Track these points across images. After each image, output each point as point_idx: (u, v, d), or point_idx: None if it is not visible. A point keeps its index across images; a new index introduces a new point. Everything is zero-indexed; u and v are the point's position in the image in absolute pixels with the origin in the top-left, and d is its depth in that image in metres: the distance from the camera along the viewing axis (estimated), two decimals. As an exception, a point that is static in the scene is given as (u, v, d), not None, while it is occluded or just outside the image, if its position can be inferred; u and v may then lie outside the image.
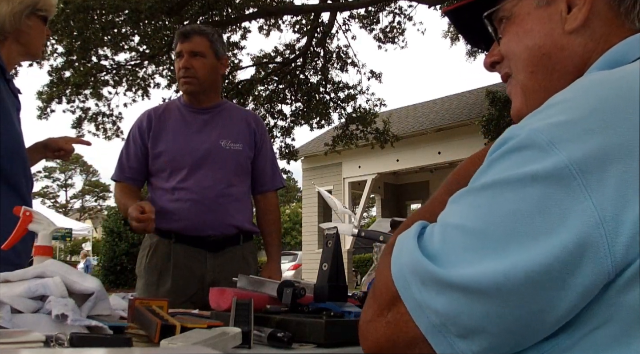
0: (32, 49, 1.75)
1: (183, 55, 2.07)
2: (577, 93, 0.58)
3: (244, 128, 2.16)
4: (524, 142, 0.56)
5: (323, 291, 1.07)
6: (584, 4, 0.69)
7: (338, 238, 1.12)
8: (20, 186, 1.62)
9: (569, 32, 0.70)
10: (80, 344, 0.76)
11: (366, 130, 12.38)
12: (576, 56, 0.69)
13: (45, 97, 10.93)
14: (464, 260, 0.55)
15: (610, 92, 0.56)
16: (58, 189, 45.23)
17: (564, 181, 0.52)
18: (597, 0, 0.69)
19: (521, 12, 0.75)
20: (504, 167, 0.56)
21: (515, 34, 0.75)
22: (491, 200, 0.56)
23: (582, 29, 0.69)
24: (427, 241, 0.60)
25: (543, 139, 0.54)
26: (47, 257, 1.15)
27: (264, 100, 12.37)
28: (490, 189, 0.57)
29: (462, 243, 0.56)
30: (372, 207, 27.41)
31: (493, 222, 0.55)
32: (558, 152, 0.53)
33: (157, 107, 2.19)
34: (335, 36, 12.50)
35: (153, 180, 2.11)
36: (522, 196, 0.53)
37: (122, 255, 16.12)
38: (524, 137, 0.56)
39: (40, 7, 1.70)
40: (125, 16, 9.86)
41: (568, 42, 0.70)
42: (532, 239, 0.52)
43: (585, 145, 0.52)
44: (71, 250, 25.97)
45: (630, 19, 0.68)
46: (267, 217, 2.26)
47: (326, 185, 16.96)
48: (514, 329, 0.54)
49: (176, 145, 2.06)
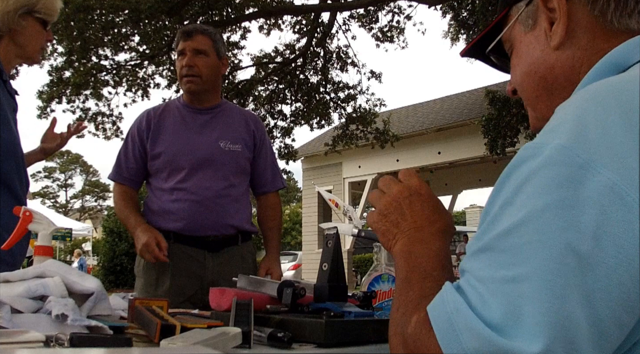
0: (28, 51, 1.73)
1: (186, 53, 2.06)
2: (589, 104, 0.56)
3: (243, 129, 2.16)
4: (553, 160, 0.52)
5: (323, 291, 1.07)
6: (561, 17, 0.69)
7: (338, 238, 1.12)
8: (14, 187, 1.61)
9: (555, 48, 0.70)
10: (80, 344, 0.76)
11: (366, 130, 12.37)
12: (567, 70, 0.69)
13: (46, 96, 10.92)
14: (538, 320, 0.49)
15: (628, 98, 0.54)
16: (58, 189, 45.25)
17: (618, 199, 0.49)
18: (573, 10, 0.69)
19: (516, 40, 0.76)
20: (537, 190, 0.52)
21: (516, 63, 0.77)
22: (539, 235, 0.50)
23: (568, 41, 0.69)
24: (480, 308, 0.52)
25: (580, 157, 0.51)
26: (47, 257, 1.15)
27: (264, 101, 12.37)
28: (532, 221, 0.51)
29: (526, 298, 0.50)
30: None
31: (550, 257, 0.49)
32: (599, 170, 0.50)
33: (157, 107, 2.19)
34: (335, 36, 12.51)
35: (152, 180, 2.11)
36: (574, 222, 0.49)
37: (122, 255, 16.13)
38: (552, 154, 0.52)
39: (38, 9, 1.69)
40: (125, 16, 9.86)
41: (557, 59, 0.70)
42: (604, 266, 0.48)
43: (623, 160, 0.50)
44: (71, 250, 25.94)
45: (609, 19, 0.67)
46: (267, 213, 2.26)
47: (326, 185, 16.96)
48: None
49: (175, 146, 2.06)
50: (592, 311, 0.48)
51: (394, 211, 0.77)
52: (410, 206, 0.76)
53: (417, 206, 0.76)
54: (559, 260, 0.49)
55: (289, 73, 12.38)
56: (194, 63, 2.05)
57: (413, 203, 0.76)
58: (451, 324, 0.53)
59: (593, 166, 0.50)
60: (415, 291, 0.64)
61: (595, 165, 0.50)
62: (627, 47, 0.64)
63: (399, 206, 0.77)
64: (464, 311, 0.53)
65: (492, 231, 0.55)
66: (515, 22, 0.76)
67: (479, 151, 13.16)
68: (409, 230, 0.74)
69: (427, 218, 0.75)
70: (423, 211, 0.75)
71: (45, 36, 1.77)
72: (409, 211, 0.75)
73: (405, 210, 0.76)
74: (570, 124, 0.54)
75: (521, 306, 0.49)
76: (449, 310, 0.54)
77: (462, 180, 17.81)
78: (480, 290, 0.53)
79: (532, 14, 0.73)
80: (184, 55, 2.06)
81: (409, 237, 0.73)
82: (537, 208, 0.51)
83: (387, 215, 0.77)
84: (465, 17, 11.02)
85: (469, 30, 10.77)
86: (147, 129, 2.10)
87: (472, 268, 0.56)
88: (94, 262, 22.18)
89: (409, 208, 0.76)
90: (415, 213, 0.75)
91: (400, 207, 0.77)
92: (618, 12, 0.67)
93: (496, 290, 0.51)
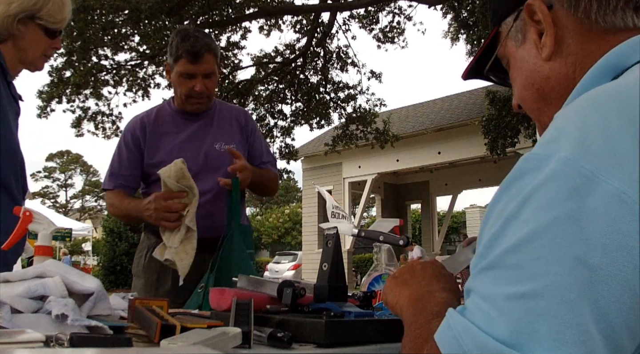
0: (28, 57, 1.70)
1: (196, 76, 2.00)
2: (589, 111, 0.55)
3: (234, 127, 2.16)
4: (558, 173, 0.51)
5: (323, 291, 1.07)
6: (547, 28, 0.69)
7: (338, 238, 1.12)
8: (11, 189, 1.61)
9: (547, 59, 0.70)
10: (80, 344, 0.76)
11: (366, 130, 12.38)
12: (562, 79, 0.69)
13: (46, 96, 10.94)
14: (556, 336, 0.48)
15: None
16: (58, 189, 45.27)
17: (628, 209, 0.48)
18: (558, 17, 0.69)
19: (510, 55, 0.77)
20: (543, 205, 0.51)
21: (514, 78, 0.77)
22: (548, 250, 0.49)
23: (558, 50, 0.69)
24: (487, 327, 0.51)
25: (584, 168, 0.50)
26: (47, 257, 1.15)
27: (264, 100, 12.38)
28: (539, 237, 0.50)
29: (540, 315, 0.49)
30: (372, 207, 27.43)
31: (561, 272, 0.48)
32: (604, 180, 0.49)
33: (149, 113, 2.15)
34: (335, 36, 12.52)
35: (150, 189, 2.09)
36: (582, 235, 0.48)
37: (122, 255, 16.15)
38: (556, 168, 0.51)
39: (40, 15, 1.66)
40: (126, 16, 9.87)
41: (550, 70, 0.70)
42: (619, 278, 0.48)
43: (629, 168, 0.49)
44: (71, 250, 25.95)
45: (594, 20, 0.67)
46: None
47: (326, 185, 16.97)
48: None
49: (174, 154, 2.02)
50: (607, 324, 0.48)
51: (401, 275, 0.83)
52: (413, 275, 0.81)
53: (423, 273, 0.81)
54: (570, 274, 0.48)
55: (289, 73, 12.40)
56: (206, 88, 2.02)
57: (416, 273, 0.82)
58: (460, 346, 0.52)
59: (598, 175, 0.49)
60: (423, 330, 0.64)
61: (601, 175, 0.49)
62: (623, 48, 0.63)
63: (406, 273, 0.83)
64: (472, 331, 0.52)
65: (497, 247, 0.53)
66: (506, 38, 0.76)
67: (479, 151, 13.17)
68: (417, 284, 0.78)
69: (436, 277, 0.79)
70: (431, 274, 0.80)
71: (50, 44, 1.73)
72: (417, 275, 0.81)
73: (412, 276, 0.81)
74: (572, 134, 0.53)
75: (534, 322, 0.48)
76: (456, 334, 0.53)
77: (462, 180, 17.81)
78: (486, 308, 0.52)
79: (521, 29, 0.73)
80: (193, 79, 2.01)
81: (416, 289, 0.76)
82: (544, 222, 0.50)
83: (397, 277, 0.83)
84: (466, 17, 11.03)
85: (469, 30, 10.77)
86: (143, 136, 2.07)
87: (478, 287, 0.54)
88: (94, 262, 22.19)
89: (415, 274, 0.81)
90: (424, 276, 0.80)
91: (406, 273, 0.83)
92: (602, 10, 0.66)
93: (504, 307, 0.50)
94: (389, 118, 13.13)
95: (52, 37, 1.73)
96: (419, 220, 21.48)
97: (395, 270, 1.32)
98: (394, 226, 2.06)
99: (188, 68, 1.98)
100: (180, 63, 1.99)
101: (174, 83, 2.07)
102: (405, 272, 0.82)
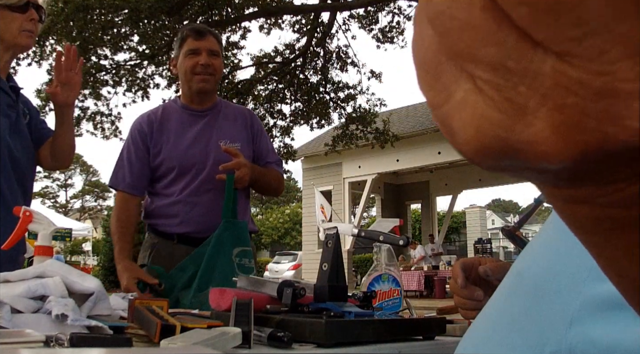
0: (7, 38, 1.68)
1: (201, 52, 2.06)
2: None
3: (240, 125, 2.17)
4: None
5: (323, 291, 1.07)
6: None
7: (338, 238, 1.12)
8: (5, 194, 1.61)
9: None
10: (80, 344, 0.76)
11: (366, 130, 12.37)
12: None
13: (45, 95, 10.94)
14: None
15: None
16: (58, 189, 45.24)
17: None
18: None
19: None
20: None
21: None
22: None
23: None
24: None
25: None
26: (47, 257, 1.15)
27: (263, 100, 12.37)
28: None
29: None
30: (372, 207, 27.42)
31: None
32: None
33: (155, 110, 2.18)
34: (335, 36, 12.52)
35: (155, 185, 2.10)
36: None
37: (122, 254, 16.09)
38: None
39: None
40: (125, 16, 9.86)
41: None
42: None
43: None
44: (71, 250, 25.95)
45: None
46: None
47: (326, 185, 16.97)
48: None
49: (180, 151, 2.06)
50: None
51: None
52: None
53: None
54: None
55: (288, 73, 12.39)
56: (211, 63, 2.07)
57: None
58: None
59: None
60: None
61: None
62: None
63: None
64: None
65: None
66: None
67: (478, 151, 13.14)
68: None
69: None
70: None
71: (24, 18, 1.70)
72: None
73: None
74: None
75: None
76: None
77: (462, 180, 17.81)
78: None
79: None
80: (198, 54, 2.06)
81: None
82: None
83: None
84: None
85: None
86: (150, 133, 2.10)
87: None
88: (93, 262, 22.17)
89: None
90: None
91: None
92: None
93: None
94: (389, 118, 13.13)
95: (22, 11, 1.71)
96: (419, 220, 21.48)
97: (395, 270, 1.33)
98: (394, 226, 2.06)
99: (193, 45, 2.07)
100: (185, 44, 2.08)
101: (181, 70, 2.11)
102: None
